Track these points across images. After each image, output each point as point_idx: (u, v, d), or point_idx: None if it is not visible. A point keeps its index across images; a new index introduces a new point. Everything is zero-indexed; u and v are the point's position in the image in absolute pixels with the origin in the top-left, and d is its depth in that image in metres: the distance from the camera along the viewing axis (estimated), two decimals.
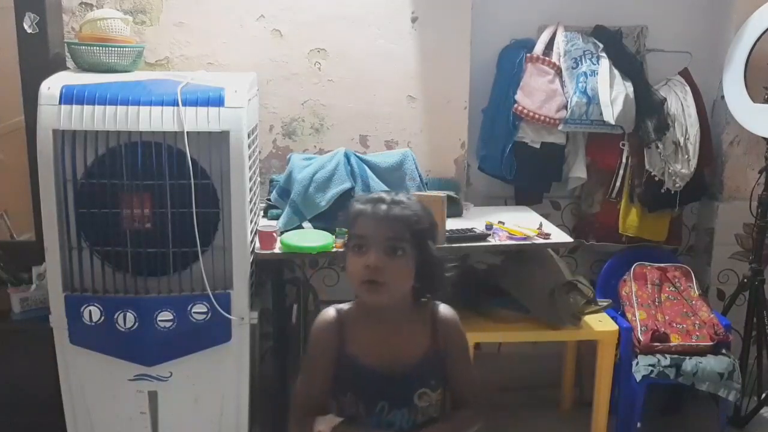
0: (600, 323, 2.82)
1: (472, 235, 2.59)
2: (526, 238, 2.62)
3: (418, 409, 1.53)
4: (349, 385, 1.52)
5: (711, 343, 2.82)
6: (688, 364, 2.75)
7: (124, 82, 2.36)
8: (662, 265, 3.09)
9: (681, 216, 3.27)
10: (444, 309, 1.58)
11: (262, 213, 2.77)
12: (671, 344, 2.82)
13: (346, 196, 2.63)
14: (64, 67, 2.63)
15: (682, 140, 3.02)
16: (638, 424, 2.84)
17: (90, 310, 2.28)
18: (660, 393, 3.07)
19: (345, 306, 1.57)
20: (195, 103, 2.25)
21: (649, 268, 3.07)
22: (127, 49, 2.53)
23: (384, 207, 1.46)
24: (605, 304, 2.76)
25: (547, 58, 2.98)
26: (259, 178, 2.73)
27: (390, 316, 1.52)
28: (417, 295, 1.54)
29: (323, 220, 2.62)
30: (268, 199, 2.81)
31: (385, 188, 2.73)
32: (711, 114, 3.22)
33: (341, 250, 1.56)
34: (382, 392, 1.51)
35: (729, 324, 2.97)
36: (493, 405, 3.12)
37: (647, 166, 3.04)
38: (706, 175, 3.21)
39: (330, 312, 1.56)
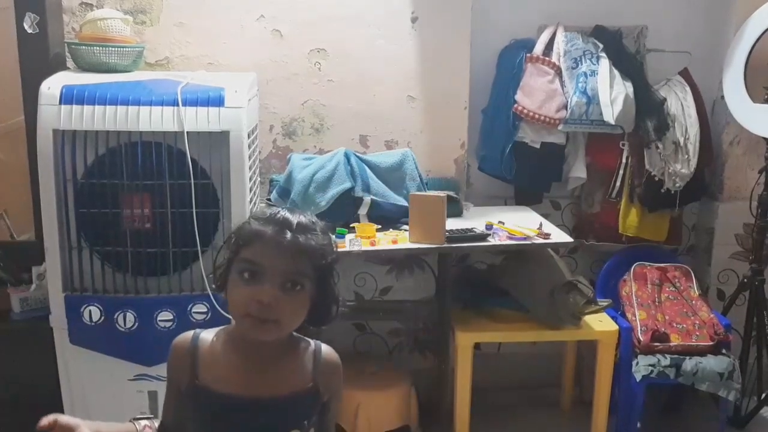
0: (600, 323, 2.82)
1: (472, 235, 2.59)
2: (526, 238, 2.61)
3: None
4: (202, 422, 1.31)
5: (711, 343, 2.82)
6: (688, 364, 2.75)
7: (124, 82, 2.36)
8: (662, 265, 3.08)
9: (681, 216, 3.26)
10: (328, 350, 1.38)
11: None
12: (671, 344, 2.81)
13: (347, 196, 2.64)
14: (64, 67, 2.62)
15: (682, 140, 3.02)
16: (638, 424, 2.84)
17: (90, 310, 2.28)
18: (660, 393, 3.07)
19: (208, 331, 1.37)
20: (195, 103, 2.25)
21: (649, 268, 3.07)
22: (127, 49, 2.53)
23: (288, 235, 1.25)
24: (605, 304, 2.76)
25: (547, 58, 2.98)
26: (259, 178, 2.73)
27: (263, 346, 1.30)
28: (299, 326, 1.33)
29: (323, 220, 2.61)
30: (268, 199, 2.80)
31: (385, 188, 2.73)
32: (711, 114, 3.22)
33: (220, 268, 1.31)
34: (243, 429, 1.30)
35: (729, 324, 2.97)
36: (492, 405, 3.14)
37: (647, 166, 3.04)
38: (706, 175, 3.21)
39: (185, 336, 1.36)
